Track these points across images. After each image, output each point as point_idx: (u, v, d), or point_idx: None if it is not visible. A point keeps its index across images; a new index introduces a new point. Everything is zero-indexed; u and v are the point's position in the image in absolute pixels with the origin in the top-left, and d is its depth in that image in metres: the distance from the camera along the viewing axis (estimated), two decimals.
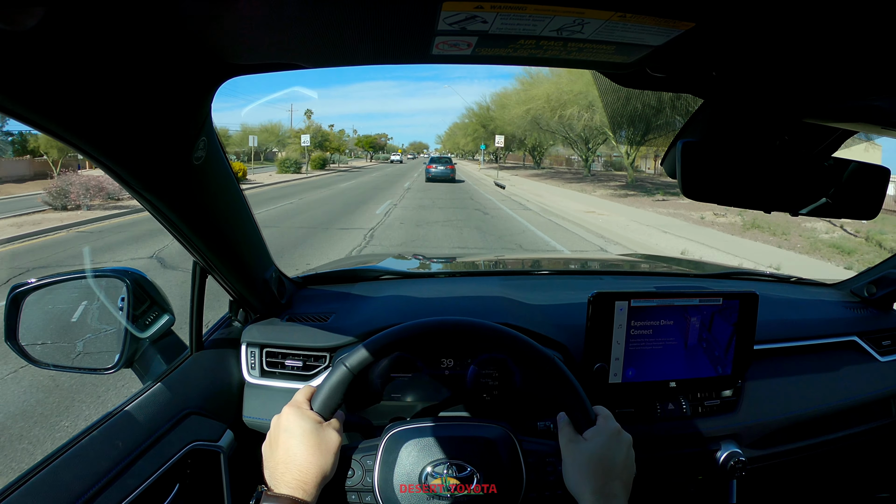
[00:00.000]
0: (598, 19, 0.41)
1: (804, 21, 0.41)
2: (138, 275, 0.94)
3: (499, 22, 0.42)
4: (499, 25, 0.43)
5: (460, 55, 0.50)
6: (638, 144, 19.37)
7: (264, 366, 0.97)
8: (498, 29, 0.43)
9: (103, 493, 0.64)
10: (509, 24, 0.42)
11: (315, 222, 9.68)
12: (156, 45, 0.43)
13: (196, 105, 0.53)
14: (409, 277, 1.33)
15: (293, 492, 0.60)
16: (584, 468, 0.64)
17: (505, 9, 0.39)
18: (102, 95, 0.42)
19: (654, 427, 0.94)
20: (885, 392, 1.14)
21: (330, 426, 0.67)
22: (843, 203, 0.66)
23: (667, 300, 0.89)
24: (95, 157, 0.48)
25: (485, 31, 0.44)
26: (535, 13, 0.40)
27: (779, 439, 1.03)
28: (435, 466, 0.68)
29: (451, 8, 0.39)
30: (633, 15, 0.40)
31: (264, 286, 0.95)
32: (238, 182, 0.74)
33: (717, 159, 0.61)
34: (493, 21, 0.42)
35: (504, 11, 0.40)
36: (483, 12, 0.40)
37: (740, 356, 0.94)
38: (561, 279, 1.40)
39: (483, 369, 0.94)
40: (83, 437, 0.69)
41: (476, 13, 0.40)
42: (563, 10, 0.40)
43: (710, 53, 0.51)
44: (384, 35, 0.46)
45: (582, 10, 0.40)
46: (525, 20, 0.42)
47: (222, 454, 0.83)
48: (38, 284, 0.90)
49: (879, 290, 1.24)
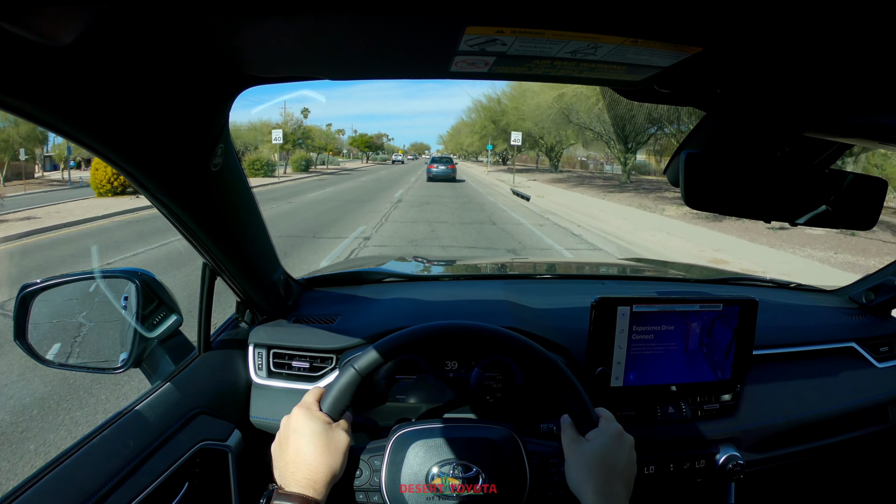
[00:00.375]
0: (610, 43, 0.43)
1: (808, 43, 0.43)
2: (147, 275, 0.95)
3: (517, 44, 0.44)
4: (517, 48, 0.45)
5: (477, 72, 0.51)
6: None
7: (271, 366, 0.98)
8: (516, 51, 0.45)
9: (115, 491, 0.66)
10: (527, 46, 0.44)
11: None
12: (181, 58, 0.44)
13: (215, 114, 0.55)
14: (413, 280, 1.34)
15: (304, 490, 0.61)
16: (587, 468, 0.66)
17: (524, 33, 0.41)
18: (128, 105, 0.44)
19: (654, 430, 0.96)
20: (882, 398, 1.16)
21: (339, 427, 0.68)
22: (841, 213, 0.68)
23: (668, 305, 0.90)
24: (118, 164, 0.49)
25: (503, 52, 0.45)
26: (552, 38, 0.42)
27: (777, 443, 1.05)
28: (441, 467, 0.69)
29: (473, 31, 0.41)
30: (644, 40, 0.42)
31: (272, 288, 0.96)
32: (250, 187, 0.75)
33: (719, 170, 0.62)
34: (512, 44, 0.44)
35: (523, 36, 0.42)
36: (503, 36, 0.41)
37: (740, 361, 0.95)
38: (564, 283, 1.42)
39: (486, 372, 0.95)
40: (95, 437, 0.70)
41: (497, 37, 0.42)
42: (579, 35, 0.42)
43: (715, 73, 0.53)
44: (406, 54, 0.47)
45: (597, 35, 0.41)
46: (542, 44, 0.43)
47: (230, 453, 0.84)
48: (48, 284, 0.91)
49: (878, 296, 1.26)
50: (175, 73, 0.45)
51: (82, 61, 0.36)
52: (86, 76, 0.38)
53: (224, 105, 0.55)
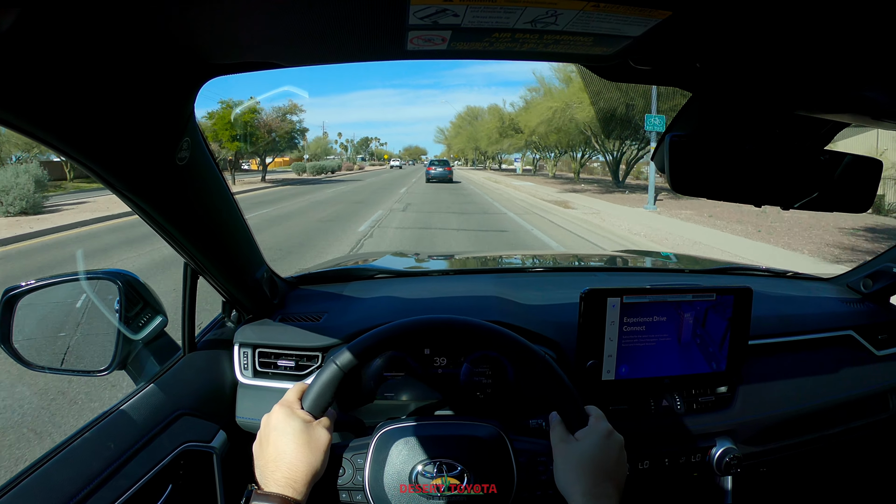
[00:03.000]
0: (570, 10, 0.41)
1: (785, 9, 0.41)
2: (130, 276, 0.93)
3: (470, 15, 0.42)
4: (471, 19, 0.43)
5: (436, 50, 0.50)
6: None
7: (257, 366, 0.97)
8: (470, 22, 0.43)
9: (95, 494, 0.65)
10: (481, 16, 0.42)
11: None
12: (134, 45, 0.43)
13: (178, 105, 0.53)
14: (402, 276, 1.33)
15: (283, 490, 0.60)
16: (575, 469, 0.64)
17: (475, 1, 0.39)
18: (80, 96, 0.42)
19: (648, 424, 0.94)
20: (882, 386, 1.14)
21: (320, 424, 0.67)
22: (836, 196, 0.66)
23: (660, 296, 0.89)
24: (76, 158, 0.47)
25: (457, 24, 0.44)
26: (505, 5, 0.40)
27: (775, 435, 1.03)
28: (425, 465, 0.68)
29: (419, 1, 0.39)
30: (606, 4, 0.40)
31: (256, 286, 0.95)
32: (225, 182, 0.74)
33: (706, 153, 0.60)
34: (465, 14, 0.42)
35: (474, 4, 0.40)
36: (453, 5, 0.40)
37: (735, 352, 0.94)
38: (555, 276, 1.40)
39: (476, 367, 0.93)
40: (76, 439, 0.69)
41: (446, 6, 0.40)
42: (534, 1, 0.40)
43: (691, 44, 0.51)
44: (357, 30, 0.46)
45: (553, 0, 0.39)
46: (496, 12, 0.41)
47: (215, 455, 0.83)
48: (32, 287, 0.90)
49: (875, 284, 1.24)
50: (128, 59, 0.43)
51: (23, 48, 0.35)
52: (28, 65, 0.36)
53: (186, 96, 0.54)
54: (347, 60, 0.53)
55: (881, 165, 0.70)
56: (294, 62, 0.53)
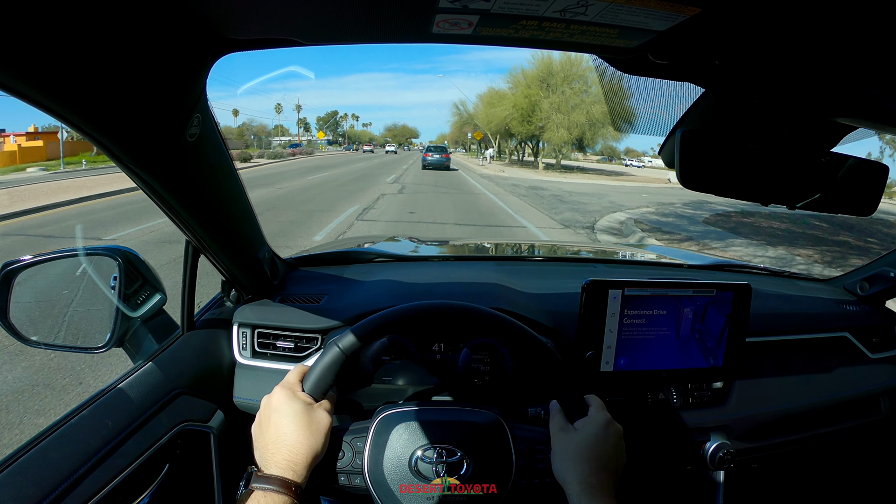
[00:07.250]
0: (602, 1, 0.40)
1: (811, 12, 0.40)
2: (130, 253, 0.93)
3: (501, 1, 0.41)
4: (501, 4, 0.42)
5: (461, 34, 0.48)
6: None
7: (256, 346, 0.96)
8: (500, 8, 0.42)
9: (92, 472, 0.64)
10: (512, 3, 0.41)
11: None
12: (149, 15, 0.42)
13: (190, 80, 0.52)
14: (402, 261, 1.33)
15: (283, 472, 0.60)
16: (573, 457, 0.64)
17: None
18: (92, 67, 0.41)
19: (643, 416, 0.95)
20: (875, 389, 1.15)
21: (321, 407, 0.67)
22: (841, 198, 0.66)
23: (661, 290, 0.89)
24: (85, 131, 0.46)
25: (487, 9, 0.43)
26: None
27: (768, 433, 1.04)
28: (425, 450, 0.68)
29: None
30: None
31: (257, 266, 0.94)
32: (232, 161, 0.73)
33: (716, 150, 0.60)
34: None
35: None
36: None
37: (732, 348, 0.94)
38: (556, 266, 1.40)
39: (475, 354, 0.94)
40: (73, 417, 0.69)
41: None
42: None
43: (713, 41, 0.50)
44: (384, 10, 0.44)
45: None
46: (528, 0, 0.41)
47: (212, 434, 0.83)
48: (30, 262, 0.89)
49: (872, 287, 1.25)
50: (142, 30, 0.42)
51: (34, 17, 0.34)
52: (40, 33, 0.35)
53: (199, 71, 0.52)
54: (370, 41, 0.51)
55: (887, 170, 0.70)
56: (315, 40, 0.51)
